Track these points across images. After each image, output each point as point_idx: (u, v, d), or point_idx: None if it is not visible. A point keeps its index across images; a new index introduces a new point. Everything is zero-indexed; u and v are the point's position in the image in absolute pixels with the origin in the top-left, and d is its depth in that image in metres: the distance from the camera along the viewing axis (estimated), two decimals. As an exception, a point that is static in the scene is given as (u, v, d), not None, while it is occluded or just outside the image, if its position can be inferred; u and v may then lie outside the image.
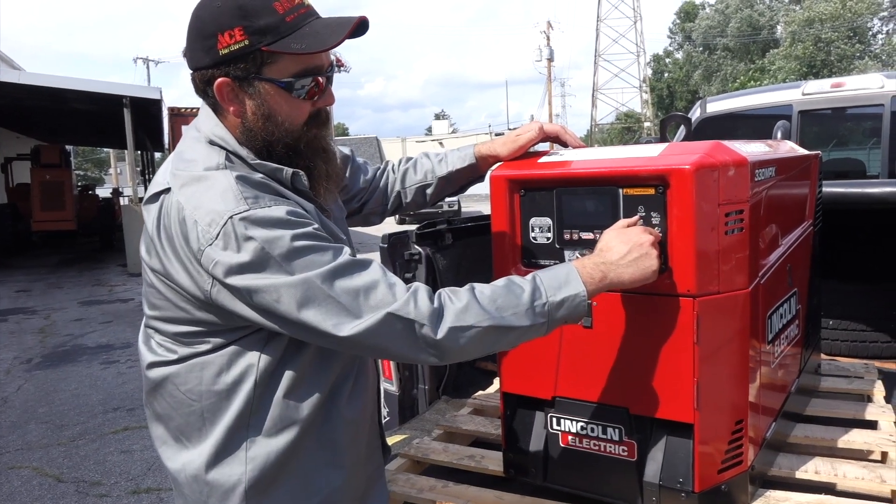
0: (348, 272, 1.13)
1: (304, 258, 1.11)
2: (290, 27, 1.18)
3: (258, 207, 1.12)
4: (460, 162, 1.65)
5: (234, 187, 1.14)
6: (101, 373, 6.34)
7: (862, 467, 1.64)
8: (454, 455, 1.85)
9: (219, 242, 1.11)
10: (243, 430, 1.22)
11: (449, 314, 1.15)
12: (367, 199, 1.68)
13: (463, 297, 1.18)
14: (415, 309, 1.13)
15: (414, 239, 2.47)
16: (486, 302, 1.18)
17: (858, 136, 5.28)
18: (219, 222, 1.11)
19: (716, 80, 44.52)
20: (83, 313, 9.43)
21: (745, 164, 1.40)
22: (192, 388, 1.23)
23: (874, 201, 2.56)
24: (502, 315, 1.18)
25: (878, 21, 39.63)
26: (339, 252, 1.15)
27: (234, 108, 1.22)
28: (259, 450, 1.22)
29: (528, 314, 1.20)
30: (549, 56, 51.96)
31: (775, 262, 1.65)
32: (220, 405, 1.22)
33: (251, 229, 1.10)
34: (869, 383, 2.26)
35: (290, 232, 1.12)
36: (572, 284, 1.23)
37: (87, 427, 4.94)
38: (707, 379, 1.38)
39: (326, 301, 1.11)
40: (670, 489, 1.43)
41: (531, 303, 1.20)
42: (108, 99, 13.29)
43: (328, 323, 1.11)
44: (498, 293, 1.20)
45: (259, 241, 1.10)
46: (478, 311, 1.17)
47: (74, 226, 16.88)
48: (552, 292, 1.21)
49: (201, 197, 1.15)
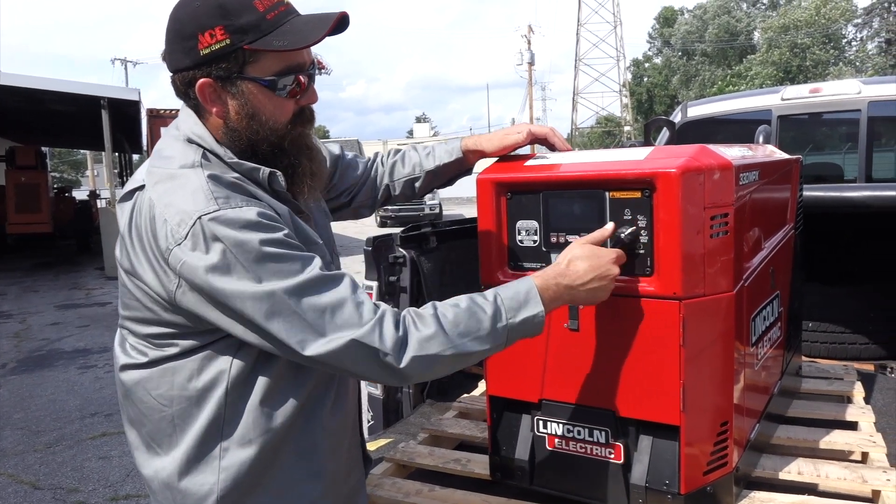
0: (316, 288, 1.11)
1: (272, 266, 1.10)
2: (271, 25, 1.17)
3: (228, 208, 1.11)
4: (447, 156, 1.65)
5: (205, 187, 1.13)
6: (79, 378, 6.25)
7: (844, 468, 1.66)
8: (440, 459, 1.84)
9: (187, 243, 1.09)
10: (216, 438, 1.20)
11: (412, 343, 1.14)
12: (357, 193, 1.67)
13: (428, 323, 1.17)
14: (379, 338, 1.12)
15: (398, 242, 2.47)
16: (450, 328, 1.17)
17: (836, 141, 5.36)
18: (188, 222, 1.10)
19: (694, 84, 45.00)
20: (60, 317, 9.29)
21: (729, 168, 1.41)
22: (163, 392, 1.21)
23: (852, 205, 2.60)
24: (464, 341, 1.18)
25: (852, 28, 40.32)
26: (309, 263, 1.13)
27: (217, 108, 1.21)
28: (233, 459, 1.20)
29: (488, 338, 1.20)
30: (531, 60, 52.16)
31: (759, 265, 1.67)
32: (191, 411, 1.20)
33: (220, 230, 1.09)
34: (849, 385, 2.30)
35: (260, 236, 1.10)
36: (532, 304, 1.23)
37: (64, 433, 4.86)
38: (693, 381, 1.39)
39: (292, 316, 1.10)
40: (657, 491, 1.43)
41: (492, 326, 1.20)
42: (85, 100, 13.12)
43: (293, 339, 1.10)
44: (460, 317, 1.19)
45: (227, 244, 1.09)
46: (441, 340, 1.16)
47: (50, 228, 16.64)
48: (512, 314, 1.22)
49: (172, 195, 1.14)
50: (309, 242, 1.23)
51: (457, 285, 2.64)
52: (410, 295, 2.47)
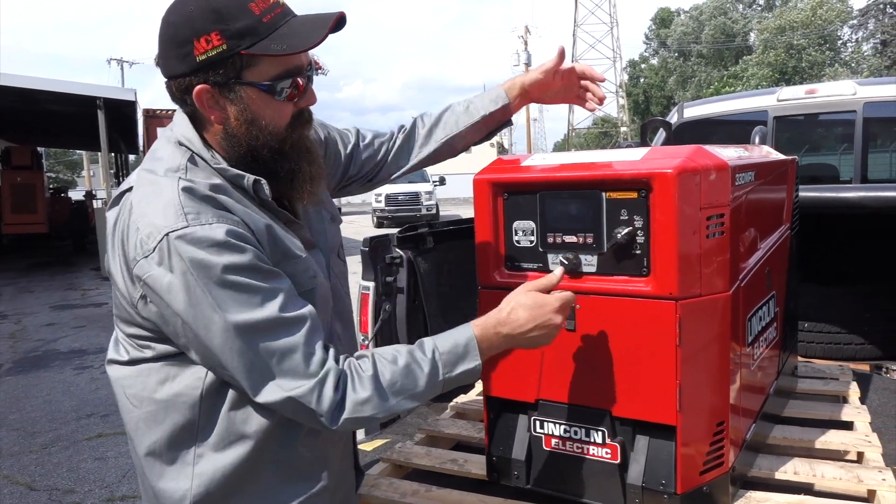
0: (269, 331, 1.11)
1: (231, 295, 1.10)
2: (267, 28, 1.15)
3: (197, 224, 1.10)
4: (492, 104, 1.64)
5: (176, 201, 1.12)
6: (74, 378, 6.23)
7: (839, 467, 1.66)
8: (437, 459, 1.84)
9: (154, 256, 1.10)
10: (190, 443, 1.20)
11: (348, 406, 1.15)
12: (378, 172, 1.66)
13: (365, 385, 1.17)
14: (317, 401, 1.13)
15: (395, 242, 2.47)
16: (386, 388, 1.18)
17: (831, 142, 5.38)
18: (156, 237, 1.10)
19: (690, 85, 45.06)
20: (55, 318, 9.26)
21: (725, 169, 1.41)
22: (135, 392, 1.22)
23: (848, 206, 2.61)
24: (398, 400, 1.19)
25: (847, 29, 40.43)
26: (270, 298, 1.12)
27: (216, 115, 1.19)
28: (207, 465, 1.20)
29: (423, 394, 1.22)
30: (527, 60, 52.18)
31: (755, 265, 1.67)
32: (160, 415, 1.20)
33: (184, 249, 1.09)
34: (844, 385, 2.30)
35: (223, 260, 1.09)
36: (470, 357, 1.24)
37: (60, 434, 4.85)
38: (689, 381, 1.39)
39: (240, 355, 1.11)
40: (653, 491, 1.43)
41: (428, 383, 1.21)
42: (81, 100, 13.08)
43: (238, 375, 1.12)
44: (397, 377, 1.19)
45: (189, 264, 1.08)
46: (375, 402, 1.17)
47: (46, 229, 16.61)
48: (449, 368, 1.23)
49: (147, 205, 1.14)
50: (288, 256, 1.21)
51: (454, 286, 2.64)
52: (407, 295, 2.47)
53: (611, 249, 1.42)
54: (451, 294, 2.64)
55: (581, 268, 1.46)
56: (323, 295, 1.29)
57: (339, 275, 1.44)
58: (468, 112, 1.65)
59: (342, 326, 1.42)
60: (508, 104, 1.64)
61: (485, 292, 1.59)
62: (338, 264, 1.45)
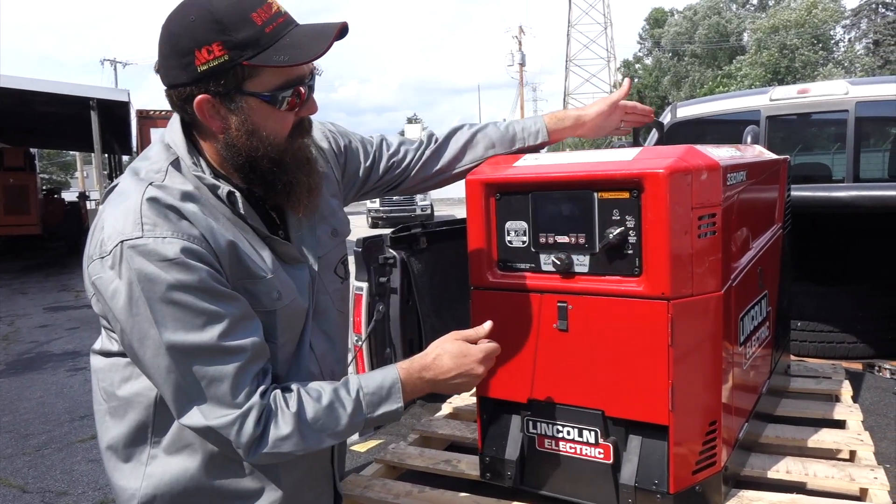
0: (202, 357, 1.12)
1: (172, 313, 1.10)
2: (270, 38, 1.14)
3: (152, 237, 1.10)
4: (532, 139, 1.68)
5: (137, 210, 1.12)
6: (68, 380, 6.21)
7: (832, 466, 1.67)
8: (430, 460, 1.84)
9: (108, 259, 1.11)
10: (144, 444, 1.22)
11: (269, 442, 1.15)
12: (403, 180, 1.65)
13: (287, 422, 1.16)
14: (236, 434, 1.13)
15: (389, 243, 2.47)
16: (308, 426, 1.18)
17: (824, 141, 5.40)
18: (114, 240, 1.11)
19: (684, 85, 45.16)
20: (49, 319, 9.22)
21: (717, 168, 1.42)
22: (105, 386, 1.25)
23: (841, 205, 2.62)
24: (319, 436, 1.21)
25: (840, 29, 40.60)
26: (213, 322, 1.12)
27: (217, 124, 1.19)
28: (157, 468, 1.21)
29: (343, 433, 1.24)
30: (522, 61, 52.28)
31: (747, 264, 1.68)
32: (122, 412, 1.22)
33: (135, 260, 1.09)
34: (837, 384, 2.31)
35: (171, 278, 1.09)
36: (392, 399, 1.26)
37: (53, 436, 4.83)
38: (681, 381, 1.40)
39: (171, 374, 1.12)
40: (646, 491, 1.43)
41: (350, 422, 1.22)
42: (74, 101, 13.05)
43: (166, 393, 1.14)
44: (320, 415, 1.19)
45: (137, 276, 1.09)
46: (295, 440, 1.17)
47: (39, 230, 16.53)
48: (372, 409, 1.25)
49: (115, 207, 1.15)
50: (251, 276, 1.20)
51: (447, 286, 2.64)
52: (401, 296, 2.47)
53: (603, 249, 1.42)
54: (445, 294, 2.64)
55: (573, 268, 1.46)
56: (288, 316, 1.27)
57: (333, 292, 1.42)
58: (504, 141, 1.67)
59: (328, 345, 1.38)
60: (547, 139, 1.69)
61: (477, 293, 1.59)
62: (332, 281, 1.42)
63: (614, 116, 1.71)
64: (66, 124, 17.02)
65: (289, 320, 1.27)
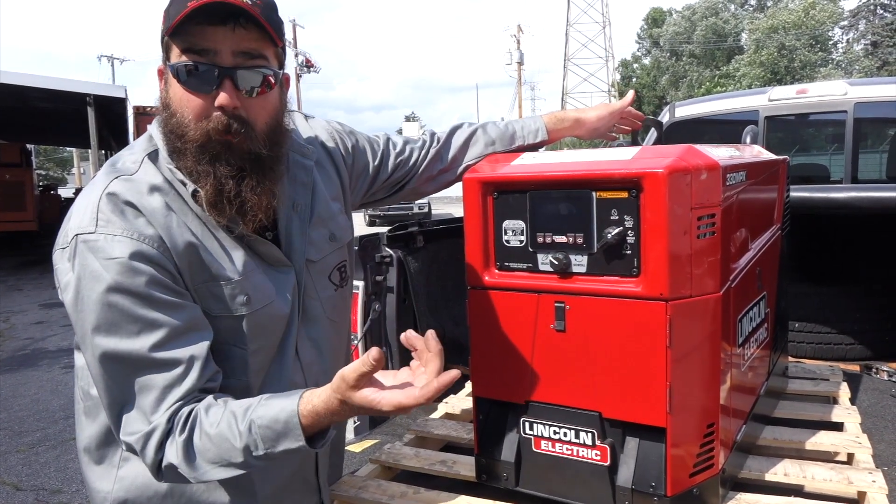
0: (129, 367, 1.09)
1: (108, 316, 1.07)
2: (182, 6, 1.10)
3: (103, 233, 1.08)
4: (532, 137, 1.68)
5: (94, 204, 1.11)
6: (63, 377, 6.19)
7: (830, 469, 1.66)
8: (426, 460, 1.82)
9: (67, 252, 1.11)
10: (115, 445, 1.20)
11: (165, 469, 1.11)
12: (408, 181, 1.63)
13: (178, 451, 1.09)
14: (142, 454, 1.11)
15: (385, 241, 2.45)
16: (198, 455, 1.09)
17: (822, 142, 5.39)
18: (71, 233, 1.11)
19: (682, 85, 45.21)
20: (44, 316, 9.19)
21: (717, 168, 1.40)
22: (82, 385, 1.23)
23: (839, 206, 2.61)
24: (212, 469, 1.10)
25: (839, 30, 40.66)
26: (148, 331, 1.08)
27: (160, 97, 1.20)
28: (129, 471, 1.19)
29: (243, 466, 1.11)
30: (520, 59, 52.25)
31: (745, 265, 1.67)
32: (95, 411, 1.20)
33: (83, 256, 1.08)
34: (834, 385, 2.30)
35: (112, 280, 1.07)
36: (292, 436, 1.08)
37: (48, 433, 4.81)
38: (679, 382, 1.38)
39: (100, 379, 1.11)
40: (643, 493, 1.42)
41: (245, 458, 1.09)
42: (71, 97, 13.00)
43: (101, 398, 1.12)
44: (209, 445, 1.09)
45: (83, 271, 1.08)
46: (185, 470, 1.09)
47: (36, 227, 16.49)
48: (270, 444, 1.09)
49: (81, 199, 1.15)
50: (215, 278, 1.16)
51: (443, 285, 2.63)
52: (397, 295, 2.46)
53: (601, 249, 1.40)
54: (441, 294, 2.63)
55: (571, 268, 1.45)
56: (259, 322, 1.21)
57: (325, 299, 1.37)
58: (503, 139, 1.66)
59: (316, 354, 1.34)
60: (546, 138, 1.68)
61: (474, 292, 1.58)
62: (325, 287, 1.37)
63: (612, 122, 1.74)
64: (62, 120, 16.97)
65: (261, 326, 1.22)
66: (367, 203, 1.65)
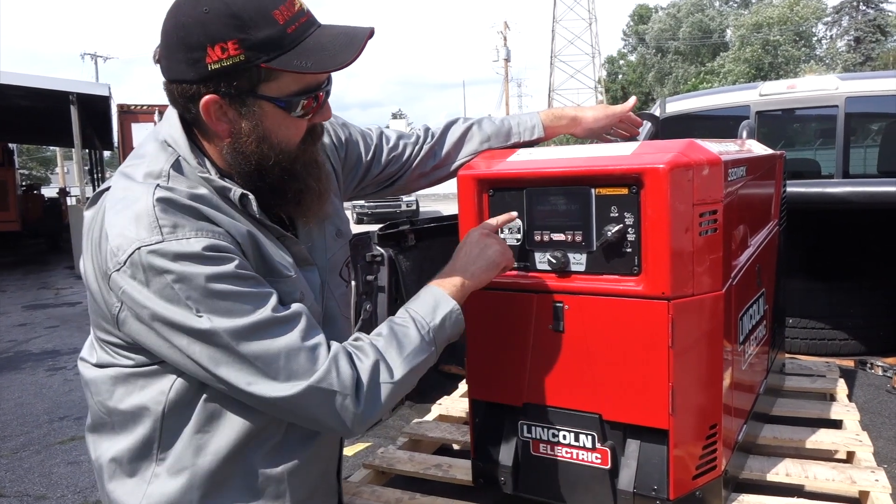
0: (266, 331, 1.04)
1: (219, 304, 1.01)
2: (292, 40, 1.05)
3: (173, 239, 1.01)
4: (528, 134, 1.66)
5: (150, 212, 1.02)
6: (47, 380, 6.09)
7: (832, 468, 1.63)
8: (420, 465, 1.78)
9: (127, 270, 1.01)
10: (149, 461, 1.13)
11: (365, 376, 1.09)
12: (400, 177, 1.60)
13: (367, 353, 1.13)
14: (337, 379, 1.06)
15: (376, 240, 2.41)
16: (387, 350, 1.14)
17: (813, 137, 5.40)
18: (126, 250, 1.01)
19: (668, 81, 45.38)
20: (28, 318, 9.06)
21: (718, 164, 1.37)
22: (103, 399, 1.15)
23: (833, 201, 2.59)
24: (404, 357, 1.15)
25: (822, 26, 40.97)
26: (261, 303, 1.04)
27: (223, 128, 1.10)
28: (158, 487, 1.12)
29: (421, 348, 1.17)
30: (507, 56, 52.28)
31: (746, 262, 1.64)
32: (127, 426, 1.14)
33: (161, 263, 1.00)
34: (832, 382, 2.28)
35: (206, 270, 1.01)
36: (443, 303, 1.22)
37: (32, 437, 4.72)
38: (681, 383, 1.35)
39: (240, 361, 1.03)
40: (645, 497, 1.39)
41: (420, 335, 1.18)
42: (54, 95, 12.81)
43: (242, 382, 1.04)
44: (391, 339, 1.16)
45: (169, 279, 1.00)
46: (385, 365, 1.12)
47: (19, 227, 16.27)
48: (430, 317, 1.20)
49: (120, 213, 1.05)
50: (274, 274, 1.13)
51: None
52: (388, 294, 2.41)
53: (600, 248, 1.37)
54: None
55: (569, 267, 1.41)
56: None
57: (339, 297, 1.36)
58: (499, 135, 1.63)
59: None
60: (543, 135, 1.66)
61: (470, 292, 1.53)
62: (339, 285, 1.36)
63: (608, 125, 1.71)
64: (45, 119, 16.74)
65: None
66: (355, 197, 1.61)
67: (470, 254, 1.31)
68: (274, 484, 1.17)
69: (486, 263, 1.31)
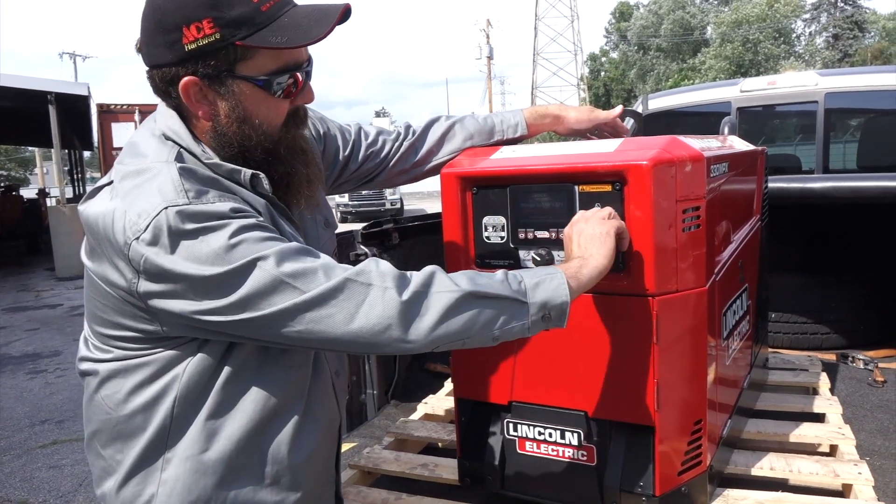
0: (298, 256, 1.02)
1: (247, 247, 0.99)
2: (266, 17, 1.05)
3: (199, 203, 1.00)
4: (512, 132, 1.64)
5: (175, 179, 1.02)
6: (28, 383, 6.01)
7: (815, 462, 1.64)
8: (406, 464, 1.77)
9: (146, 236, 0.98)
10: (160, 449, 1.12)
11: (416, 279, 1.06)
12: (380, 172, 1.58)
13: (427, 269, 1.09)
14: (377, 271, 1.04)
15: (360, 239, 2.40)
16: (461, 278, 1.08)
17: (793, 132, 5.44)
18: (150, 213, 0.98)
19: (650, 78, 45.62)
20: (7, 321, 8.94)
21: (701, 160, 1.37)
22: (109, 394, 1.13)
23: (814, 196, 2.61)
24: (475, 281, 1.07)
25: (801, 23, 41.39)
26: (289, 241, 1.05)
27: (204, 110, 1.09)
28: (173, 472, 1.11)
29: (503, 286, 1.09)
30: (490, 54, 52.32)
31: (728, 258, 1.64)
32: (136, 421, 1.12)
33: (188, 223, 0.98)
34: (814, 376, 2.30)
35: (236, 225, 1.00)
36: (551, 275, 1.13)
37: (13, 442, 4.66)
38: (667, 379, 1.35)
39: (273, 281, 0.99)
40: (631, 493, 1.39)
41: (504, 279, 1.10)
42: (31, 95, 12.64)
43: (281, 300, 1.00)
44: (468, 273, 1.11)
45: (195, 236, 0.98)
46: (446, 277, 1.07)
47: (-3, 228, 16.07)
48: (527, 278, 1.11)
49: (137, 190, 1.03)
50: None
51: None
52: (373, 294, 2.40)
53: (585, 245, 1.36)
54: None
55: (553, 264, 1.41)
56: None
57: None
58: (482, 133, 1.62)
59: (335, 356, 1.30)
60: (526, 133, 1.65)
61: (454, 291, 1.53)
62: None
63: (591, 126, 1.70)
64: (23, 119, 16.52)
65: None
66: (333, 192, 1.61)
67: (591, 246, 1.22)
68: (288, 472, 1.17)
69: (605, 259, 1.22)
